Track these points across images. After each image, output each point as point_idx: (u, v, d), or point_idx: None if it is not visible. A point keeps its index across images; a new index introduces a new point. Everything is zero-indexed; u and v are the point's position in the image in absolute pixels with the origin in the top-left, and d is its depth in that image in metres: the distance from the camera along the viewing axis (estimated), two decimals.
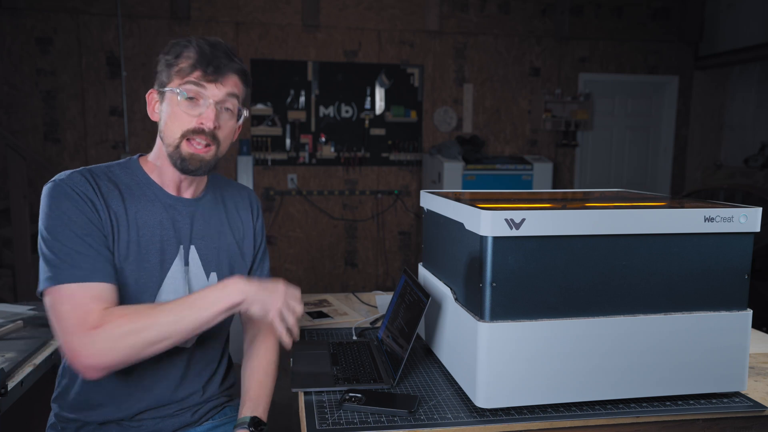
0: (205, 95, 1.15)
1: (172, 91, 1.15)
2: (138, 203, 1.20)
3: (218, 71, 1.15)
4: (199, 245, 1.26)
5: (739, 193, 4.37)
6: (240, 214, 1.36)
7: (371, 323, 1.74)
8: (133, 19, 4.63)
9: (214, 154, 1.19)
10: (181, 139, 1.16)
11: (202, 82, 1.14)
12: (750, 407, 1.19)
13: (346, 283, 5.20)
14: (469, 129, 5.29)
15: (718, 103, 5.62)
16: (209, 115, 1.15)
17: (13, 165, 3.78)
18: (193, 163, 1.17)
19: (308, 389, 1.24)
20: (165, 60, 1.17)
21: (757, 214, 1.18)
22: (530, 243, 1.11)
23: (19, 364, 1.33)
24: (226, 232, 1.32)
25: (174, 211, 1.24)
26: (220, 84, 1.16)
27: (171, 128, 1.16)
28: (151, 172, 1.24)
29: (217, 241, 1.29)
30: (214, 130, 1.16)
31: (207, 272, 1.27)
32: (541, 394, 1.14)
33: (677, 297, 1.18)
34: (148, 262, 1.19)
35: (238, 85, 1.20)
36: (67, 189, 1.12)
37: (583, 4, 5.33)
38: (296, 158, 4.98)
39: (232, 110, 1.20)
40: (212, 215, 1.30)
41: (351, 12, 4.95)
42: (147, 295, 1.19)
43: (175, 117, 1.16)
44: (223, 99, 1.17)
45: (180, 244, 1.23)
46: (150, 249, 1.19)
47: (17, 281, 3.81)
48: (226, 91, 1.17)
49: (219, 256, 1.29)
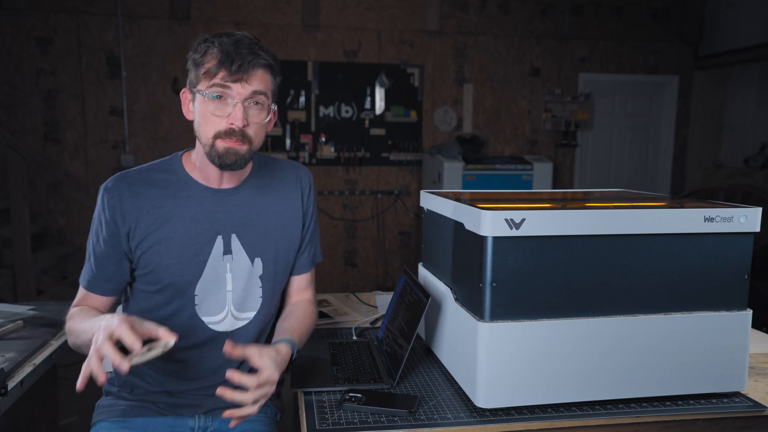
0: (231, 95, 1.17)
1: (200, 93, 1.19)
2: (173, 201, 1.26)
3: (242, 70, 1.16)
4: (240, 233, 1.30)
5: (739, 193, 4.37)
6: (287, 195, 1.38)
7: (371, 323, 1.74)
8: (133, 19, 4.63)
9: (249, 148, 1.22)
10: (214, 139, 1.19)
11: (227, 82, 1.16)
12: (750, 407, 1.19)
13: (346, 283, 5.20)
14: (469, 129, 5.29)
15: (718, 103, 5.62)
16: (237, 114, 1.17)
17: (13, 165, 3.78)
18: (230, 157, 1.20)
19: (308, 389, 1.24)
20: (192, 59, 1.20)
21: (757, 214, 1.18)
22: (530, 243, 1.11)
23: (19, 364, 1.33)
24: (271, 216, 1.34)
25: (211, 203, 1.28)
26: (245, 82, 1.17)
27: (204, 129, 1.20)
28: (191, 169, 1.30)
29: (260, 226, 1.32)
30: (244, 129, 1.19)
31: (251, 258, 1.31)
32: (541, 394, 1.14)
33: (677, 297, 1.18)
34: (181, 256, 1.25)
35: (265, 80, 1.20)
36: (100, 200, 1.26)
37: (583, 4, 5.33)
38: (296, 158, 4.98)
39: (262, 104, 1.21)
40: (255, 201, 1.33)
41: (351, 12, 4.95)
42: (188, 287, 1.27)
43: (205, 119, 1.20)
44: (249, 96, 1.19)
45: (218, 234, 1.28)
46: (183, 244, 1.25)
47: (17, 281, 3.82)
48: (252, 89, 1.18)
49: (263, 242, 1.32)
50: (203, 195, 1.28)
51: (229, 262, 1.29)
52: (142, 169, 1.30)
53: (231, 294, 1.30)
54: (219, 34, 1.19)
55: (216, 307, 1.29)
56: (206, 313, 1.29)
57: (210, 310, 1.29)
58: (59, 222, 4.71)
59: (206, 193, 1.29)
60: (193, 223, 1.26)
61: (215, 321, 1.30)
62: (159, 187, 1.27)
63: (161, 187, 1.27)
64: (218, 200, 1.29)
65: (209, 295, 1.28)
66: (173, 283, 1.26)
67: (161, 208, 1.25)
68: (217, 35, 1.19)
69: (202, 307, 1.28)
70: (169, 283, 1.26)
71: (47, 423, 1.71)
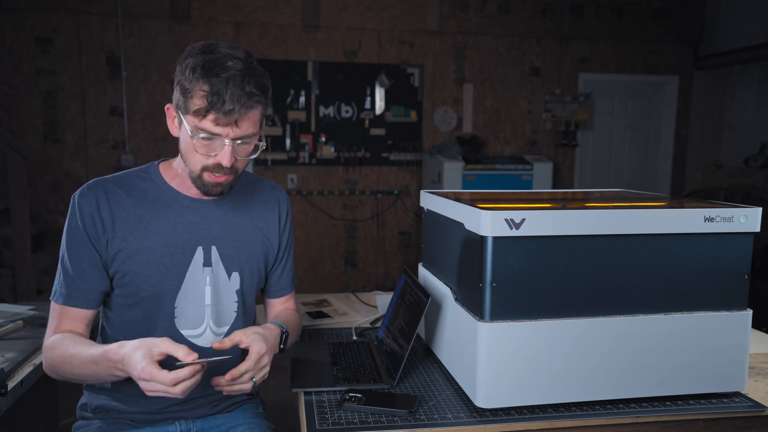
0: (220, 137, 1.13)
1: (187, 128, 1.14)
2: (152, 210, 1.23)
3: (233, 115, 1.10)
4: (220, 245, 1.28)
5: (739, 193, 4.37)
6: (265, 214, 1.37)
7: (371, 323, 1.74)
8: (133, 19, 4.63)
9: (234, 177, 1.21)
10: (201, 171, 1.18)
11: (216, 127, 1.11)
12: (750, 407, 1.19)
13: (346, 283, 5.20)
14: (469, 129, 5.29)
15: (718, 103, 5.62)
16: (225, 155, 1.14)
17: (13, 165, 3.78)
18: (215, 190, 1.21)
19: (308, 389, 1.24)
20: (180, 83, 1.13)
21: (757, 214, 1.18)
22: (530, 243, 1.11)
23: (19, 364, 1.33)
24: (250, 232, 1.33)
25: (192, 214, 1.26)
26: (236, 126, 1.13)
27: (191, 160, 1.18)
28: (171, 178, 1.27)
29: (239, 240, 1.31)
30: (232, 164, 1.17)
31: (229, 272, 1.30)
32: (541, 394, 1.14)
33: (677, 297, 1.18)
34: (163, 266, 1.22)
35: (254, 120, 1.16)
36: (74, 208, 1.21)
37: (583, 4, 5.33)
38: (296, 158, 4.98)
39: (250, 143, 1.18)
40: (235, 215, 1.32)
41: (351, 12, 4.95)
42: (166, 299, 1.23)
43: (192, 153, 1.17)
44: (238, 137, 1.15)
45: (198, 245, 1.26)
46: (164, 253, 1.22)
47: (17, 281, 3.81)
48: (241, 132, 1.14)
49: (240, 256, 1.31)
50: (184, 205, 1.26)
51: (208, 275, 1.27)
52: (117, 177, 1.26)
53: (209, 308, 1.28)
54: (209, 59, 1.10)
55: (195, 320, 1.27)
56: (185, 326, 1.26)
57: (189, 323, 1.26)
58: (59, 222, 4.71)
59: (187, 203, 1.27)
60: (173, 233, 1.24)
61: (195, 335, 1.27)
62: (136, 196, 1.24)
63: (139, 195, 1.24)
64: (199, 211, 1.27)
65: (188, 308, 1.26)
66: (153, 295, 1.22)
67: (139, 216, 1.22)
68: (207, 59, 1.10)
69: (182, 319, 1.25)
70: (148, 294, 1.22)
71: (47, 423, 1.71)
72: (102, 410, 1.29)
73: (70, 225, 1.21)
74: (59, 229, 4.71)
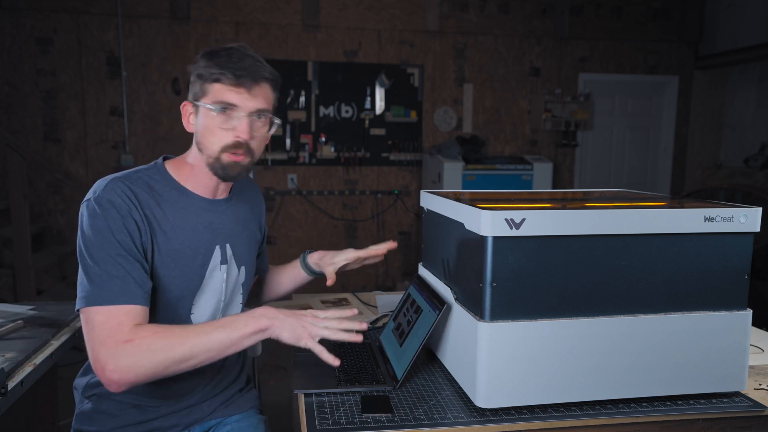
0: (237, 108, 1.19)
1: (205, 106, 1.20)
2: (173, 210, 1.23)
3: (248, 82, 1.19)
4: (233, 242, 1.33)
5: (739, 193, 4.37)
6: (254, 208, 1.45)
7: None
8: (133, 19, 4.63)
9: (251, 161, 1.25)
10: (221, 152, 1.21)
11: (232, 96, 1.18)
12: (750, 407, 1.19)
13: (346, 283, 5.20)
14: (469, 129, 5.29)
15: (718, 103, 5.62)
16: (243, 127, 1.20)
17: (13, 165, 3.78)
18: (234, 170, 1.23)
19: (310, 391, 1.24)
20: (196, 73, 1.21)
21: (757, 214, 1.18)
22: (530, 243, 1.11)
23: (19, 364, 1.33)
24: (248, 227, 1.41)
25: (210, 214, 1.29)
26: (251, 96, 1.20)
27: (210, 141, 1.21)
28: (182, 178, 1.28)
29: (243, 236, 1.38)
30: (248, 141, 1.22)
31: (239, 266, 1.35)
32: (541, 394, 1.14)
33: (677, 297, 1.18)
34: (188, 267, 1.24)
35: (267, 97, 1.23)
36: (106, 204, 1.13)
37: (583, 4, 5.33)
38: (296, 158, 4.98)
39: (265, 119, 1.25)
40: (240, 212, 1.38)
41: (351, 12, 4.95)
42: (187, 299, 1.25)
43: (211, 132, 1.20)
44: (254, 109, 1.21)
45: (216, 244, 1.29)
46: (188, 254, 1.24)
47: (17, 281, 3.82)
48: (257, 105, 1.21)
49: (243, 251, 1.37)
50: (201, 205, 1.28)
51: (225, 272, 1.31)
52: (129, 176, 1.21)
53: (222, 303, 1.32)
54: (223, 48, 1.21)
55: (209, 316, 1.29)
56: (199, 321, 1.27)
57: (202, 319, 1.28)
58: (59, 222, 4.71)
59: (204, 204, 1.29)
60: (195, 233, 1.26)
61: None
62: (154, 196, 1.22)
63: (156, 196, 1.22)
64: (215, 211, 1.30)
65: (205, 305, 1.28)
66: (177, 297, 1.23)
67: (163, 218, 1.21)
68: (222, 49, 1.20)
69: (197, 315, 1.27)
70: (174, 296, 1.23)
71: (47, 423, 1.71)
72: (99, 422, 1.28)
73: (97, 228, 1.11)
74: (59, 229, 4.71)
